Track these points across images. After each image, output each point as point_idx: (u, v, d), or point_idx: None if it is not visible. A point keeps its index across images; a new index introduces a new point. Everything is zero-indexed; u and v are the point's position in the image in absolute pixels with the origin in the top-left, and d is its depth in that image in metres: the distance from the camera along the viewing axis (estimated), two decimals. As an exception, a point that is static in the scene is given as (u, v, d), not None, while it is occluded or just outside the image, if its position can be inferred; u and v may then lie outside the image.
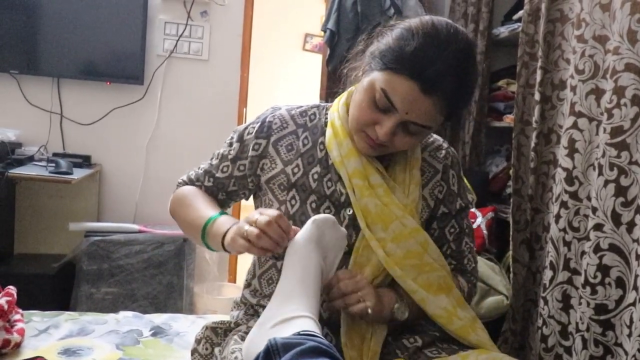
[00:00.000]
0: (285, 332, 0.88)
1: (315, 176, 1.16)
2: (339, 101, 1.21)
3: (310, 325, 0.90)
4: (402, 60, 1.00)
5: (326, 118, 1.22)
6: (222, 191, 1.27)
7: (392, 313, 1.10)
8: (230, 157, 1.24)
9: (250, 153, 1.21)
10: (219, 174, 1.25)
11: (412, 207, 1.14)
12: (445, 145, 1.26)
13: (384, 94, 1.03)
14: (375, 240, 1.10)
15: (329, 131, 1.17)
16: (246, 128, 1.24)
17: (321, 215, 1.05)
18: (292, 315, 0.93)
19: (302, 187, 1.16)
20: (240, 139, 1.24)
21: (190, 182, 1.30)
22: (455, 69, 1.01)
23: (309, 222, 1.04)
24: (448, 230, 1.23)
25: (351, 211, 1.13)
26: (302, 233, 1.04)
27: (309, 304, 0.96)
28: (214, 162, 1.28)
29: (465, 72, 1.04)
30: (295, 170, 1.18)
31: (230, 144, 1.26)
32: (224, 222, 1.11)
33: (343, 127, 1.15)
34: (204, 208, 1.19)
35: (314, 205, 1.15)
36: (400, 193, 1.14)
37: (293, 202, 1.16)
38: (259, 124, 1.23)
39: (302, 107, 1.25)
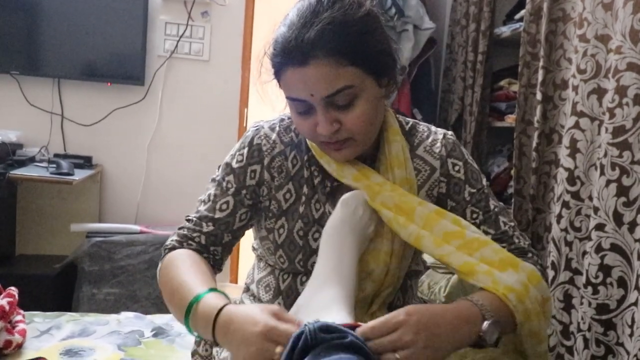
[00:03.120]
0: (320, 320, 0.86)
1: (303, 198, 1.09)
2: None
3: (343, 316, 0.89)
4: (274, 60, 1.00)
5: None
6: (227, 232, 1.11)
7: (479, 336, 0.89)
8: (230, 191, 1.10)
9: (249, 182, 1.10)
10: (218, 215, 1.10)
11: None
12: (441, 136, 1.13)
13: (291, 100, 1.00)
14: (410, 226, 1.01)
15: (314, 152, 1.10)
16: (233, 157, 1.13)
17: (349, 194, 1.02)
18: (326, 304, 0.92)
19: (292, 215, 1.09)
20: (231, 170, 1.11)
21: (180, 244, 1.09)
22: (311, 19, 0.95)
23: (338, 204, 1.02)
24: (470, 216, 1.09)
25: None
26: (334, 217, 1.02)
27: (343, 292, 0.94)
28: (206, 205, 1.11)
29: (325, 9, 0.95)
30: (287, 196, 1.10)
31: (223, 179, 1.12)
32: (212, 304, 0.90)
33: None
34: (192, 282, 0.98)
35: (301, 233, 1.08)
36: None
37: (281, 230, 1.09)
38: (246, 148, 1.12)
39: (283, 120, 1.15)
